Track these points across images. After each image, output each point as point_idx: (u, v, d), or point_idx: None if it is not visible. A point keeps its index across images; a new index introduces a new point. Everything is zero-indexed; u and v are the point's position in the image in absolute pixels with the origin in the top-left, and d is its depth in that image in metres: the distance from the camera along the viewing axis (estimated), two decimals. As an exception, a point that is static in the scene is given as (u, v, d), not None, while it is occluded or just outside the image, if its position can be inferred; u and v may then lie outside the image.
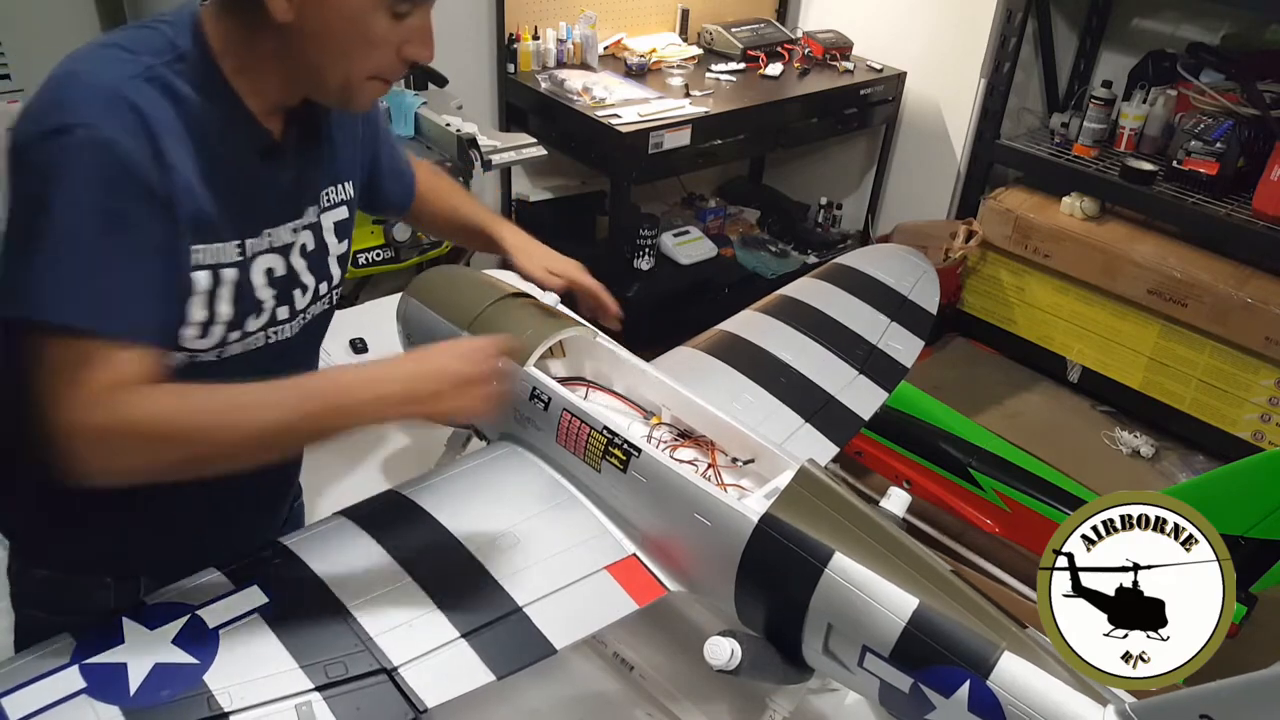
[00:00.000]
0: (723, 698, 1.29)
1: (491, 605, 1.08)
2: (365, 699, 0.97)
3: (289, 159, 1.05)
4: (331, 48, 0.96)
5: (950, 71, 3.41)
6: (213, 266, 0.99)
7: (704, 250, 3.59)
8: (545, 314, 1.37)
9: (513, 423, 1.31)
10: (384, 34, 0.96)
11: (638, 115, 2.92)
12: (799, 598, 1.05)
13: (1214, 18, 3.11)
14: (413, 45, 0.98)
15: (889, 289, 1.70)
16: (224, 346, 1.03)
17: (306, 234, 1.10)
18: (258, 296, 1.04)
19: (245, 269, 1.02)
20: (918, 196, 3.66)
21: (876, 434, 2.36)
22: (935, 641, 0.98)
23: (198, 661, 0.96)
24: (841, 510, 1.07)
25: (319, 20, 0.93)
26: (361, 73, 0.99)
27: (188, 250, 0.96)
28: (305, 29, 0.93)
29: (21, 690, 0.91)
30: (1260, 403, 2.91)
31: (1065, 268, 3.17)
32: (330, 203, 1.14)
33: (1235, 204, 2.89)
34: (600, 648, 1.33)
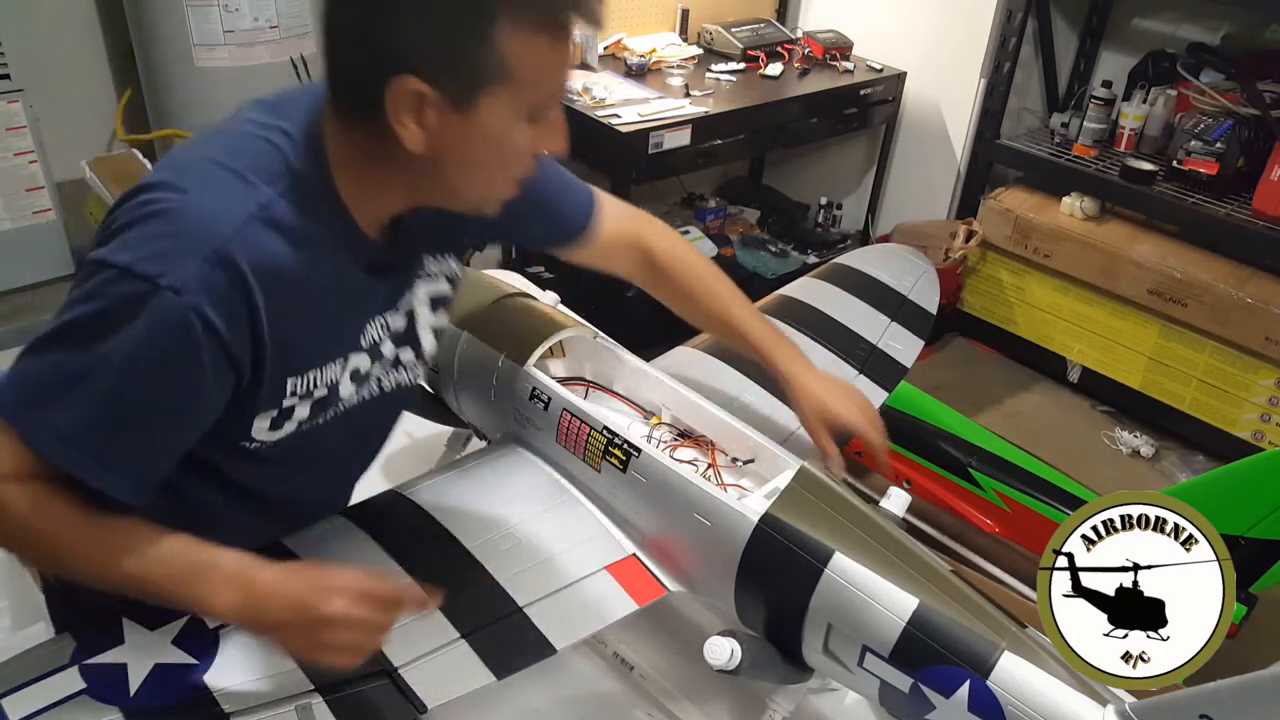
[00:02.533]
0: (723, 698, 1.29)
1: (492, 605, 1.08)
2: (365, 700, 0.97)
3: (394, 264, 1.02)
4: (469, 169, 0.92)
5: (950, 71, 3.40)
6: (305, 394, 0.98)
7: (704, 250, 3.58)
8: (545, 314, 1.37)
9: (513, 423, 1.31)
10: (524, 143, 0.92)
11: (638, 115, 2.92)
12: (799, 598, 1.05)
13: (1214, 18, 3.11)
14: (547, 142, 0.94)
15: (889, 289, 1.70)
16: (295, 436, 1.02)
17: (399, 319, 1.07)
18: (340, 396, 1.03)
19: (335, 384, 1.01)
20: (918, 196, 3.66)
21: (876, 434, 2.35)
22: (935, 641, 0.98)
23: (198, 662, 0.96)
24: (841, 510, 1.08)
25: (457, 147, 0.89)
26: (499, 185, 0.96)
27: (278, 384, 0.94)
28: (441, 156, 0.89)
29: (21, 690, 0.91)
30: (1260, 403, 2.91)
31: (1065, 268, 3.17)
32: (428, 274, 1.09)
33: (1235, 204, 2.88)
34: (600, 648, 1.33)
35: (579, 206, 1.25)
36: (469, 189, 0.95)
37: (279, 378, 0.94)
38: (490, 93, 0.86)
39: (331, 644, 0.89)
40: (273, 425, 0.98)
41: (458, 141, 0.88)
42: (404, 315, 1.08)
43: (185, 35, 2.65)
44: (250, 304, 0.87)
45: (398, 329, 1.07)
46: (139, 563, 0.88)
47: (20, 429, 0.86)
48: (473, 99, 0.86)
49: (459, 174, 0.92)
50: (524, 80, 0.86)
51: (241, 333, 0.88)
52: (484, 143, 0.89)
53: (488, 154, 0.91)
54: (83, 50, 2.91)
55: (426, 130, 0.86)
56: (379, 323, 1.04)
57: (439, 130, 0.87)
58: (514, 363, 1.29)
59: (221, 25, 2.66)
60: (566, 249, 1.27)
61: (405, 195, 0.96)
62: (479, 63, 0.84)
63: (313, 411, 1.00)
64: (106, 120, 2.95)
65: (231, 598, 0.89)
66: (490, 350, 1.32)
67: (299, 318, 0.92)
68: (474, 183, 0.94)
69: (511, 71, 0.85)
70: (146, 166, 2.55)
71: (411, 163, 0.89)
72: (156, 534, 0.90)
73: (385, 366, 1.08)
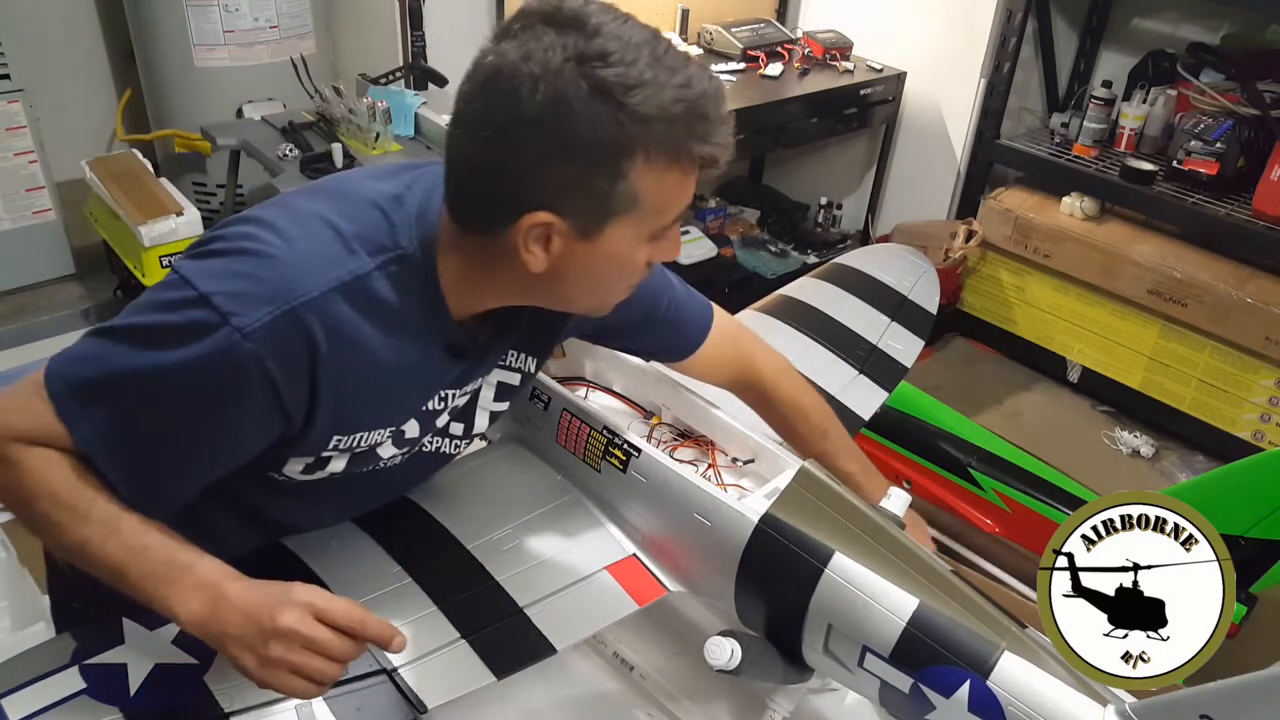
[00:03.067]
0: (723, 698, 1.29)
1: (492, 606, 1.08)
2: (365, 699, 0.97)
3: (475, 349, 1.02)
4: (586, 286, 0.94)
5: (950, 71, 3.40)
6: (346, 450, 0.97)
7: (704, 250, 3.58)
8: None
9: (513, 423, 1.31)
10: (644, 260, 0.93)
11: (638, 115, 2.92)
12: (799, 598, 1.05)
13: (1214, 18, 3.11)
14: (662, 254, 0.95)
15: (889, 289, 1.70)
16: (324, 481, 1.02)
17: (463, 396, 1.06)
18: (379, 454, 1.03)
19: (379, 444, 1.01)
20: (918, 196, 3.66)
21: (876, 434, 2.35)
22: (935, 641, 0.97)
23: (198, 662, 0.96)
24: (841, 510, 1.07)
25: (579, 269, 0.90)
26: (614, 296, 0.97)
27: (324, 437, 0.94)
28: (560, 274, 0.90)
29: (21, 691, 0.91)
30: (1260, 403, 2.91)
31: (1065, 268, 3.17)
32: (504, 365, 1.09)
33: (1235, 204, 2.88)
34: (600, 648, 1.33)
35: (695, 326, 1.25)
36: (583, 300, 0.97)
37: (326, 433, 0.94)
38: (618, 222, 0.87)
39: (280, 661, 0.84)
40: (305, 470, 0.99)
41: (581, 265, 0.89)
42: (469, 394, 1.07)
43: (185, 35, 2.65)
44: (314, 362, 0.87)
45: (457, 405, 1.06)
46: (121, 549, 0.87)
47: (60, 406, 0.86)
48: (601, 229, 0.87)
49: (575, 290, 0.94)
50: (651, 209, 0.87)
51: (299, 388, 0.88)
52: (605, 265, 0.91)
53: (607, 274, 0.93)
54: (83, 50, 2.91)
55: (550, 254, 0.87)
56: (442, 396, 1.03)
57: (562, 254, 0.88)
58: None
59: (221, 25, 2.66)
60: (671, 363, 1.28)
61: (510, 297, 0.96)
62: (610, 197, 0.85)
63: (349, 465, 1.01)
64: (106, 120, 2.95)
65: (197, 605, 0.86)
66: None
67: (363, 386, 0.92)
68: (589, 296, 0.96)
69: (641, 203, 0.86)
70: (146, 166, 2.55)
71: (527, 276, 0.90)
72: (145, 525, 0.89)
73: (433, 434, 1.07)
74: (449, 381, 1.02)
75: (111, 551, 0.87)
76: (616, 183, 0.84)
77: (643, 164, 0.84)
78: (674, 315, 1.22)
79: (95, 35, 2.88)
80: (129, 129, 2.86)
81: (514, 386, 1.12)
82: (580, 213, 0.86)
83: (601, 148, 0.82)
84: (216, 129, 2.55)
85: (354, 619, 0.87)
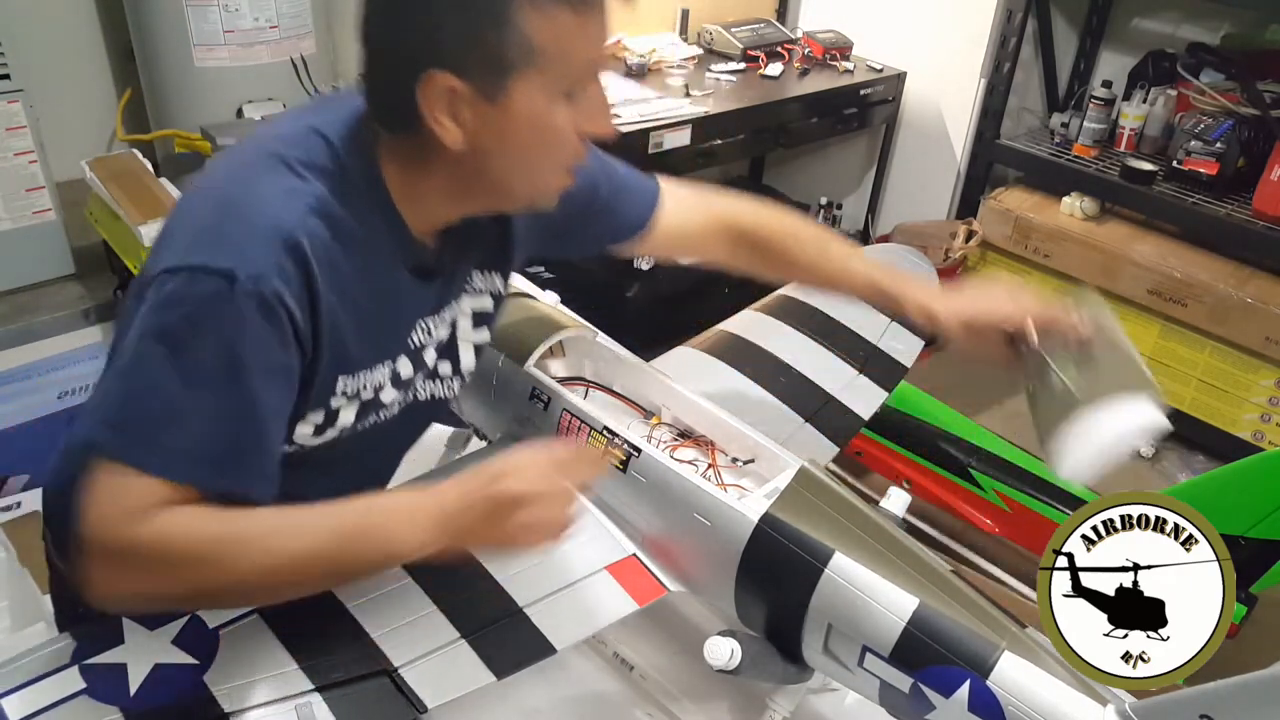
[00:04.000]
0: (723, 698, 1.29)
1: (491, 605, 1.08)
2: (365, 699, 0.97)
3: (441, 269, 1.02)
4: (515, 160, 0.91)
5: (950, 71, 3.40)
6: (353, 396, 0.97)
7: (704, 250, 3.58)
8: (545, 314, 1.37)
9: (513, 423, 1.31)
10: (566, 125, 0.90)
11: (638, 115, 2.92)
12: (799, 598, 1.05)
13: (1214, 18, 3.11)
14: (589, 121, 0.92)
15: (889, 289, 1.70)
16: (336, 442, 1.02)
17: (443, 328, 1.07)
18: (382, 400, 1.03)
19: (380, 387, 1.01)
20: (918, 196, 3.66)
21: (876, 434, 2.36)
22: (935, 641, 0.98)
23: (198, 662, 0.96)
24: (841, 510, 1.07)
25: (498, 140, 0.88)
26: (549, 175, 0.95)
27: (329, 380, 0.93)
28: (483, 151, 0.88)
29: (21, 691, 0.91)
30: (1260, 403, 2.91)
31: (1065, 268, 3.17)
32: (475, 289, 1.09)
33: (1235, 204, 2.88)
34: (600, 648, 1.33)
35: (642, 194, 1.21)
36: (519, 183, 0.94)
37: (331, 374, 0.94)
38: (520, 77, 0.84)
39: (527, 523, 0.89)
40: (316, 430, 0.98)
41: (497, 133, 0.87)
42: (448, 325, 1.07)
43: (185, 35, 2.64)
44: (313, 291, 0.87)
45: (440, 338, 1.07)
46: (308, 539, 0.86)
47: (137, 461, 0.82)
48: (504, 87, 0.85)
49: (505, 167, 0.91)
50: (552, 58, 0.84)
51: (307, 318, 0.87)
52: (524, 130, 0.87)
53: (530, 141, 0.89)
54: (83, 50, 2.91)
55: (464, 126, 0.86)
56: (423, 327, 1.03)
57: (476, 125, 0.86)
58: (514, 363, 1.29)
59: (221, 25, 2.66)
60: (635, 244, 1.23)
61: (456, 200, 0.96)
62: (503, 48, 0.83)
63: (358, 416, 1.00)
64: (106, 120, 2.95)
65: (426, 531, 0.88)
66: (490, 350, 1.32)
67: (352, 311, 0.92)
68: (522, 175, 0.93)
69: (537, 51, 0.83)
70: (146, 166, 2.55)
71: (457, 162, 0.89)
72: (297, 510, 0.87)
73: (425, 375, 1.08)
74: (426, 309, 1.02)
75: (307, 547, 0.86)
76: (505, 30, 0.82)
77: (529, 7, 0.81)
78: (618, 190, 1.19)
79: (95, 35, 2.87)
80: (129, 129, 2.86)
81: (489, 312, 1.12)
82: (479, 71, 0.83)
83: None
84: (216, 129, 2.54)
85: (565, 458, 0.93)
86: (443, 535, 0.89)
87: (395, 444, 1.19)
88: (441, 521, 0.89)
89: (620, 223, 1.22)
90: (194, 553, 0.84)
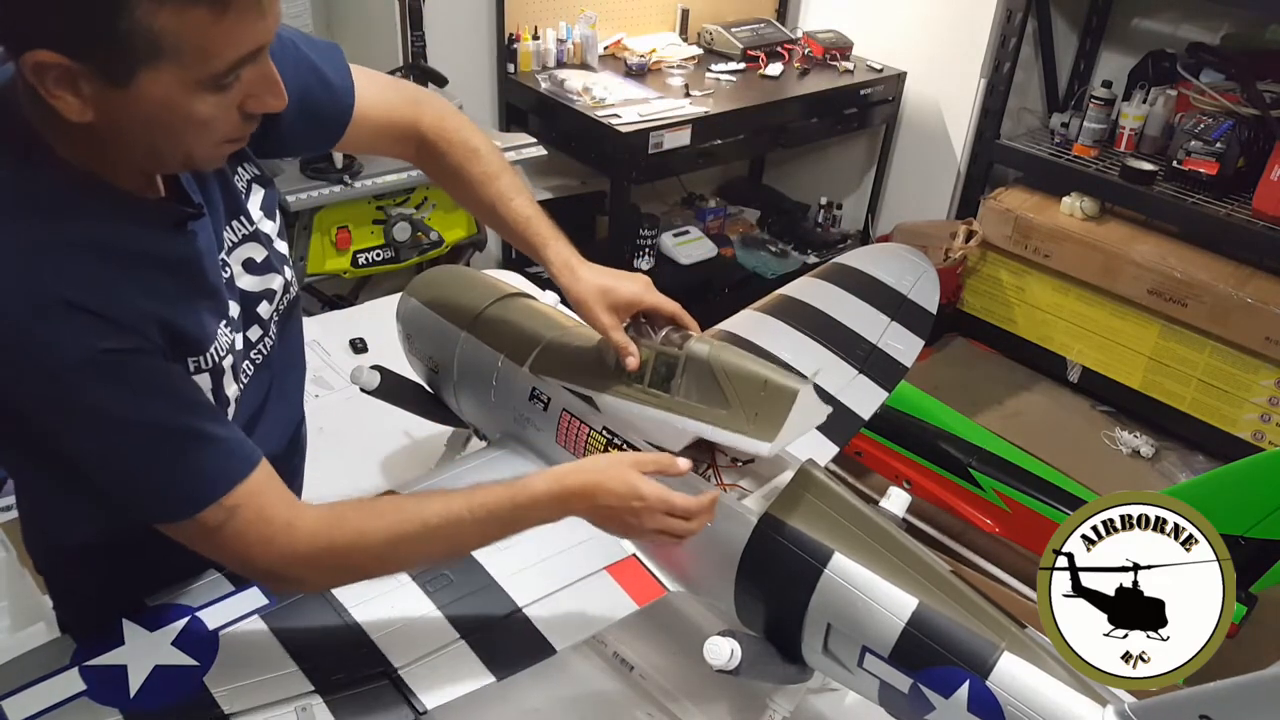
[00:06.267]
0: (723, 698, 1.29)
1: (491, 606, 1.08)
2: (365, 701, 0.97)
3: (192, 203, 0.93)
4: (156, 136, 0.82)
5: (950, 71, 3.40)
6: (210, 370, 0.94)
7: (704, 250, 3.58)
8: (545, 314, 1.37)
9: (512, 423, 1.31)
10: (213, 109, 0.81)
11: (638, 115, 2.92)
12: (798, 598, 1.05)
13: (1214, 18, 3.11)
14: (255, 99, 0.84)
15: (889, 288, 1.70)
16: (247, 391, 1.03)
17: (250, 245, 1.02)
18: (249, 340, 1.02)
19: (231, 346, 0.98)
20: (918, 196, 3.66)
21: (876, 434, 2.36)
22: (934, 642, 0.98)
23: (198, 663, 0.96)
24: (841, 510, 1.07)
25: (128, 119, 0.79)
26: (202, 148, 0.86)
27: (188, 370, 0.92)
28: (116, 124, 0.80)
29: (22, 692, 0.91)
30: (1260, 403, 2.91)
31: (1065, 268, 3.17)
32: (244, 187, 1.03)
33: (1235, 204, 2.88)
34: (600, 648, 1.33)
35: (337, 102, 1.12)
36: (168, 154, 0.86)
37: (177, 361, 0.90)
38: (150, 68, 0.76)
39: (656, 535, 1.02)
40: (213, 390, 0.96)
41: (125, 114, 0.79)
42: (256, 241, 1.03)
43: (185, 35, 2.64)
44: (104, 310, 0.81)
45: (254, 258, 1.02)
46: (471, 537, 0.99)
47: (195, 508, 0.87)
48: (128, 75, 0.76)
49: (148, 142, 0.83)
50: (186, 55, 0.76)
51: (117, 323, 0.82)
52: (158, 115, 0.79)
53: (168, 124, 0.81)
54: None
55: (86, 101, 0.77)
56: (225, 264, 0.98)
57: (100, 102, 0.77)
58: (514, 363, 1.29)
59: (221, 25, 2.65)
60: (331, 146, 1.17)
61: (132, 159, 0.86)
62: (121, 41, 0.74)
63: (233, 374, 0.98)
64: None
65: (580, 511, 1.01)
66: (490, 350, 1.32)
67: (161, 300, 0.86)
68: (170, 148, 0.84)
69: (165, 48, 0.75)
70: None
71: (99, 132, 0.80)
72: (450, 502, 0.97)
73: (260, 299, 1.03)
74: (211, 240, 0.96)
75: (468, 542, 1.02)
76: (118, 22, 0.73)
77: (150, 4, 0.73)
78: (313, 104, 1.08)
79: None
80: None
81: (267, 194, 1.06)
82: (93, 55, 0.75)
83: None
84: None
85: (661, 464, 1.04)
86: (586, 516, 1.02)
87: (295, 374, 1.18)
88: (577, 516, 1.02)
89: (318, 131, 1.14)
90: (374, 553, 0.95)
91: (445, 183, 1.25)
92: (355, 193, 2.43)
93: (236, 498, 0.88)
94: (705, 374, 1.13)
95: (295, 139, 1.10)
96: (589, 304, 1.16)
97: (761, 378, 1.10)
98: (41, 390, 0.80)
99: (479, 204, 1.23)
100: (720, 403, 1.10)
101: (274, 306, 1.06)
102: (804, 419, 1.09)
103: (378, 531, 0.94)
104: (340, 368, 1.87)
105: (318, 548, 0.92)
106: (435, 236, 2.64)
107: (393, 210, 2.55)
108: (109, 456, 0.85)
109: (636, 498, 1.00)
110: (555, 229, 1.21)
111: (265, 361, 1.07)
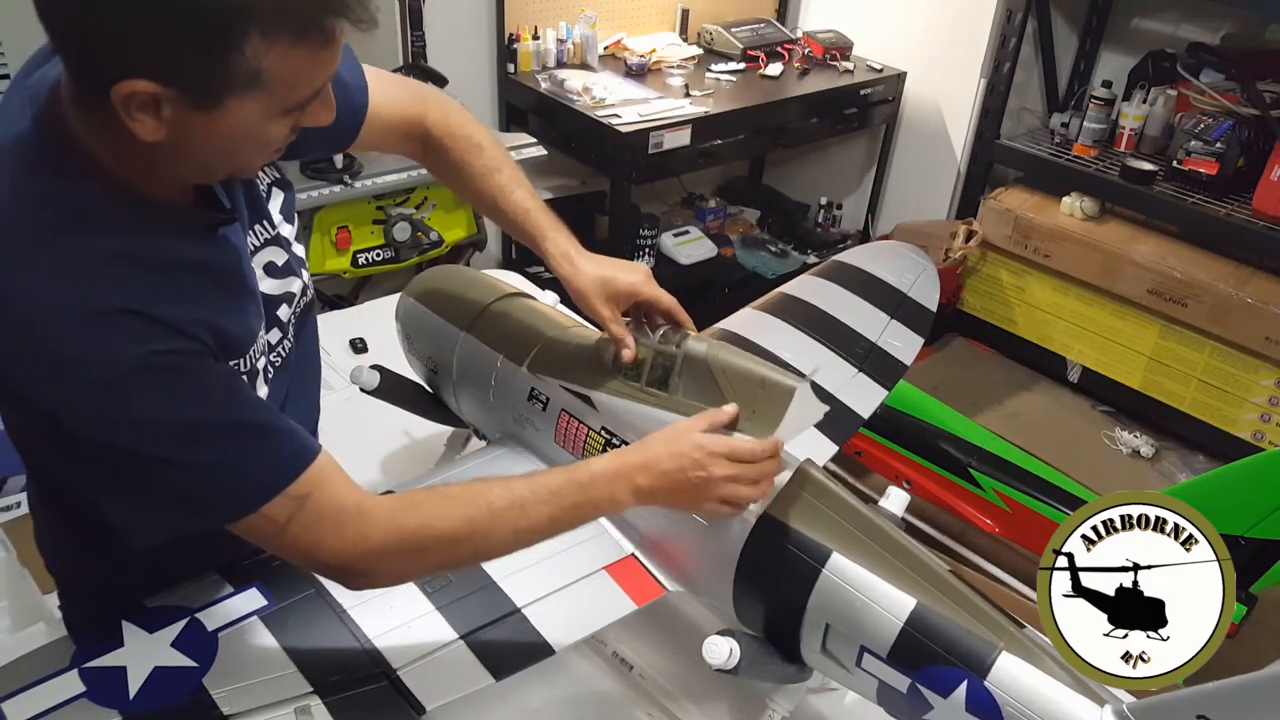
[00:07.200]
0: (722, 698, 1.29)
1: (490, 606, 1.08)
2: (365, 701, 0.97)
3: (224, 210, 0.95)
4: (216, 153, 0.85)
5: (950, 71, 3.40)
6: (248, 371, 0.95)
7: (704, 250, 3.58)
8: (545, 314, 1.37)
9: (512, 423, 1.31)
10: (278, 131, 0.84)
11: (638, 115, 2.92)
12: (797, 598, 1.05)
13: (1214, 18, 3.10)
14: (310, 115, 0.86)
15: (889, 286, 1.69)
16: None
17: (271, 249, 1.03)
18: (271, 343, 1.02)
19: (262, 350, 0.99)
20: (918, 196, 3.66)
21: (876, 433, 2.36)
22: (933, 642, 0.97)
23: (197, 665, 0.96)
24: (839, 510, 1.07)
25: (200, 140, 0.81)
26: (254, 162, 0.91)
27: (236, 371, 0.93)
28: (182, 144, 0.81)
29: (22, 694, 0.91)
30: (1260, 403, 2.91)
31: (1065, 268, 3.17)
32: (265, 191, 1.05)
33: (1235, 204, 2.88)
34: (599, 647, 1.33)
35: (352, 102, 1.13)
36: (218, 168, 0.89)
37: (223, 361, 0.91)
38: (241, 96, 0.78)
39: (722, 500, 1.04)
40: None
41: (199, 135, 0.80)
42: (277, 245, 1.03)
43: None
44: (165, 315, 0.82)
45: (275, 262, 1.03)
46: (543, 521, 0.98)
47: (263, 499, 0.87)
48: (218, 102, 0.78)
49: (204, 159, 0.85)
50: (279, 88, 0.79)
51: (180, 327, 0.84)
52: (231, 136, 0.82)
53: (236, 145, 0.84)
54: (82, 51, 2.90)
55: (162, 122, 0.78)
56: (258, 264, 1.00)
57: (177, 123, 0.78)
58: (513, 363, 1.29)
59: (221, 26, 2.65)
60: (347, 147, 1.19)
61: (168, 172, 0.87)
62: (226, 72, 0.76)
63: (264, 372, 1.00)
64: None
65: (629, 500, 1.02)
66: (489, 350, 1.32)
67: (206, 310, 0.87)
68: (223, 164, 0.88)
69: (265, 81, 0.78)
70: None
71: (157, 149, 0.81)
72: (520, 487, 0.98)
73: (289, 302, 1.05)
74: (246, 250, 0.98)
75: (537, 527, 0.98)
76: (229, 58, 0.75)
77: (262, 42, 0.75)
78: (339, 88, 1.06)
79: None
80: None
81: (286, 198, 1.08)
82: (189, 84, 0.76)
83: (200, 17, 0.73)
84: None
85: (709, 418, 1.06)
86: (658, 490, 1.03)
87: (313, 373, 1.19)
88: (643, 495, 1.02)
89: (332, 137, 1.13)
90: (446, 538, 0.95)
91: (448, 177, 1.26)
92: (355, 193, 2.43)
93: (305, 486, 0.88)
94: (703, 373, 1.13)
95: (314, 141, 1.09)
96: (588, 295, 1.17)
97: (759, 376, 1.10)
98: (102, 397, 0.80)
99: (480, 197, 1.24)
100: (718, 401, 1.10)
101: (293, 309, 1.07)
102: (801, 417, 1.09)
103: (447, 516, 0.94)
104: (340, 368, 1.87)
105: (390, 534, 0.91)
106: (435, 236, 2.64)
107: (393, 210, 2.55)
108: (175, 458, 0.83)
109: (697, 448, 1.02)
110: (555, 220, 1.22)
111: (284, 364, 1.07)
